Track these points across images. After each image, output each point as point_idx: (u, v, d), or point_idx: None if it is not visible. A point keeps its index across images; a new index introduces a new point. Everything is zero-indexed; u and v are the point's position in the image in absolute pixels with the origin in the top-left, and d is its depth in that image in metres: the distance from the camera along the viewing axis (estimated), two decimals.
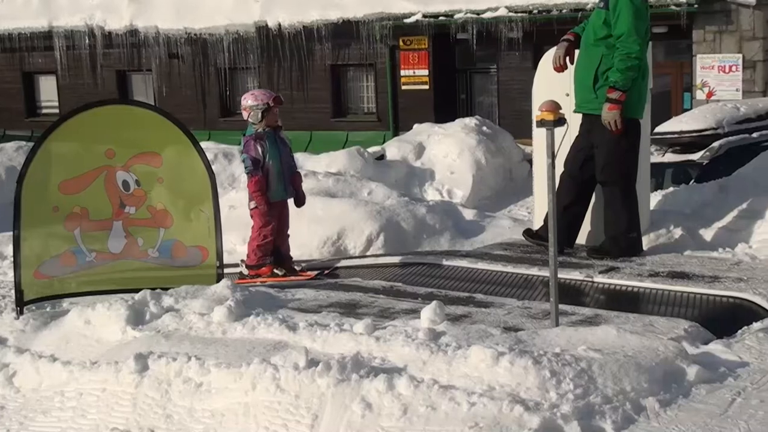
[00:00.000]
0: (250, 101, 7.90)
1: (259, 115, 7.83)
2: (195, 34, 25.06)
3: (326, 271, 7.98)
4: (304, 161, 13.16)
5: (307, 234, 9.11)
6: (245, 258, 8.02)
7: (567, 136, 5.73)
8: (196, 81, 25.90)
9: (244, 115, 7.98)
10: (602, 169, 7.29)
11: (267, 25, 24.20)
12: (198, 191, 6.96)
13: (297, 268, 8.04)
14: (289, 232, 8.13)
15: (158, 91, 26.22)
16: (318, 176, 10.96)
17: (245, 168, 7.90)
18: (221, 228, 6.97)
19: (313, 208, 9.55)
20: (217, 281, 6.55)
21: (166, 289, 6.21)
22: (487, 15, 21.91)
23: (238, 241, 9.32)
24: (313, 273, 7.93)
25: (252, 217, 7.96)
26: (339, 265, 8.15)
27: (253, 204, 7.88)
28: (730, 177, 8.73)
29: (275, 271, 7.88)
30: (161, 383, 4.62)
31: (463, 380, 4.16)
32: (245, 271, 7.94)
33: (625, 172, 7.30)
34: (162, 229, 6.87)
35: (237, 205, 9.97)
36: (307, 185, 10.48)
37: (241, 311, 5.51)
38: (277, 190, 7.89)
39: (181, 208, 6.95)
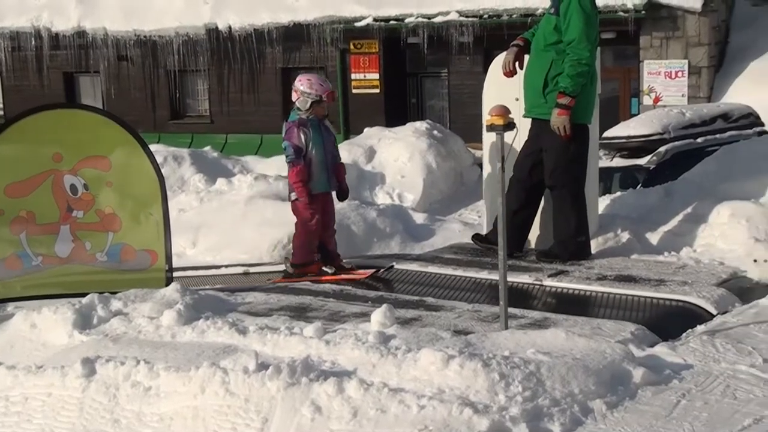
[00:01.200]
0: (304, 86, 7.42)
1: (308, 104, 7.40)
2: (144, 36, 24.83)
3: (381, 270, 7.38)
4: (255, 164, 13.12)
5: (258, 237, 9.08)
6: (289, 256, 7.62)
7: (517, 140, 5.78)
8: (145, 83, 25.66)
9: (294, 96, 7.52)
10: (551, 174, 7.35)
11: (217, 27, 24.07)
12: (147, 194, 6.91)
13: (347, 266, 7.60)
14: (332, 227, 7.66)
15: (106, 94, 25.93)
16: (269, 179, 10.93)
17: (286, 156, 7.38)
18: (170, 231, 6.92)
19: (263, 211, 9.53)
20: (167, 284, 6.51)
21: (115, 292, 6.16)
22: (438, 19, 22.01)
23: (187, 244, 9.28)
24: (368, 271, 7.37)
25: (294, 211, 7.50)
26: (393, 263, 7.58)
27: (293, 195, 7.43)
28: (675, 181, 8.84)
29: (324, 269, 7.44)
30: (109, 387, 4.58)
31: (413, 383, 4.17)
32: (291, 270, 7.48)
33: (574, 177, 7.37)
34: (110, 233, 6.81)
35: (186, 209, 9.92)
36: (257, 188, 10.49)
37: (190, 315, 5.49)
38: (319, 181, 7.41)
39: (129, 212, 6.89)
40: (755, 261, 6.83)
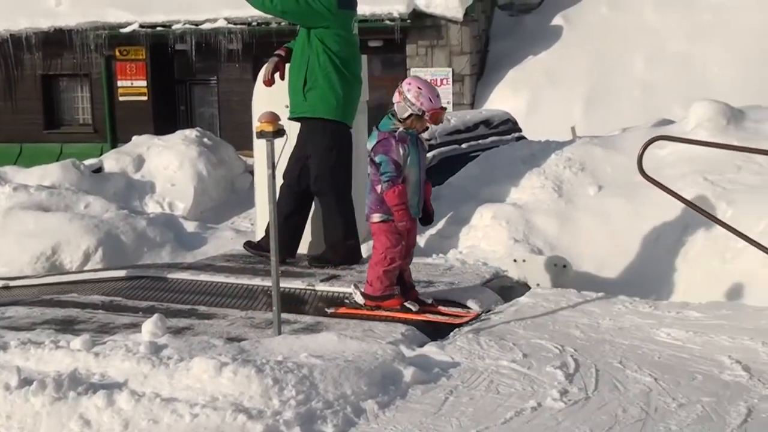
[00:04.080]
0: (410, 93, 5.98)
1: (407, 114, 6.00)
2: None
3: (488, 311, 6.19)
4: (14, 174, 12.51)
5: (17, 250, 8.69)
6: (358, 284, 6.34)
7: (287, 147, 5.80)
8: None
9: (395, 97, 6.09)
10: (315, 180, 7.46)
11: None
12: None
13: (427, 300, 6.26)
14: (411, 256, 6.38)
15: None
16: (30, 190, 10.45)
17: (384, 174, 5.98)
18: None
19: (24, 222, 9.13)
20: None
21: None
22: (206, 26, 21.83)
23: None
24: (470, 313, 6.13)
25: (374, 234, 6.23)
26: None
27: (377, 217, 6.13)
28: (441, 185, 9.13)
29: (406, 305, 6.07)
30: None
31: (186, 392, 4.12)
32: (361, 301, 6.21)
33: (339, 182, 7.49)
34: None
35: None
36: (17, 199, 10.01)
37: None
38: (412, 205, 6.11)
39: None
40: (515, 261, 7.16)
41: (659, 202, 7.68)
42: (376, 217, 6.14)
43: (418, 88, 5.98)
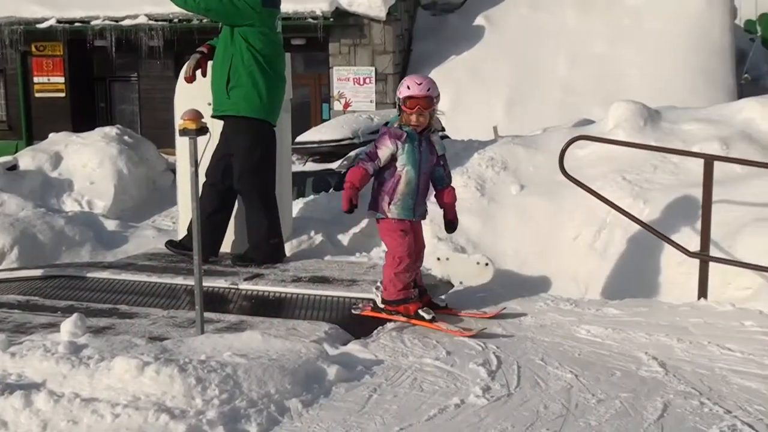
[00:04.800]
0: (401, 87, 5.71)
1: (397, 108, 5.75)
2: None
3: (496, 312, 5.90)
4: None
5: None
6: (381, 285, 5.91)
7: (210, 144, 5.76)
8: None
9: None
10: (239, 178, 7.42)
11: None
12: None
13: (441, 303, 6.02)
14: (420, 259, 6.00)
15: None
16: None
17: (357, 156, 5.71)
18: None
19: None
20: None
21: None
22: (126, 22, 21.52)
23: None
24: (494, 311, 5.86)
25: (380, 235, 5.98)
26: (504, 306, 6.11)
27: (370, 214, 5.93)
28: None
29: (421, 312, 5.66)
30: None
31: (107, 392, 4.06)
32: (381, 306, 5.83)
33: (262, 180, 7.46)
34: None
35: None
36: None
37: None
38: (404, 207, 5.75)
39: None
40: (438, 259, 7.21)
41: (580, 201, 7.81)
42: (369, 215, 5.98)
43: (406, 78, 5.78)
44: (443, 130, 5.68)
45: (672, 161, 8.31)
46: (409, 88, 5.64)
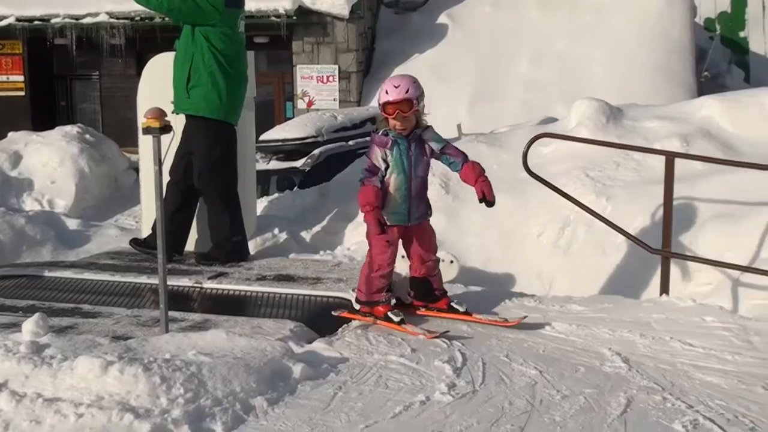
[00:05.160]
0: (380, 92, 5.64)
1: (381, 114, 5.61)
2: None
3: (518, 320, 5.60)
4: None
5: None
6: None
7: (173, 143, 5.73)
8: None
9: None
10: (199, 177, 7.40)
11: None
12: None
13: (460, 308, 5.76)
14: (428, 259, 5.85)
15: None
16: None
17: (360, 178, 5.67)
18: None
19: None
20: None
21: None
22: (87, 20, 21.33)
23: None
24: (516, 319, 5.60)
25: (368, 236, 5.84)
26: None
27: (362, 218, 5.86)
28: (329, 182, 9.16)
29: (390, 315, 5.61)
30: None
31: (70, 392, 4.03)
32: (356, 306, 5.83)
33: (222, 179, 7.44)
34: None
35: None
36: None
37: None
38: (397, 212, 5.66)
39: None
40: (402, 257, 7.18)
41: (544, 198, 7.86)
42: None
43: (386, 83, 5.65)
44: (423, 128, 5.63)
45: (634, 158, 8.38)
46: (387, 93, 5.54)
